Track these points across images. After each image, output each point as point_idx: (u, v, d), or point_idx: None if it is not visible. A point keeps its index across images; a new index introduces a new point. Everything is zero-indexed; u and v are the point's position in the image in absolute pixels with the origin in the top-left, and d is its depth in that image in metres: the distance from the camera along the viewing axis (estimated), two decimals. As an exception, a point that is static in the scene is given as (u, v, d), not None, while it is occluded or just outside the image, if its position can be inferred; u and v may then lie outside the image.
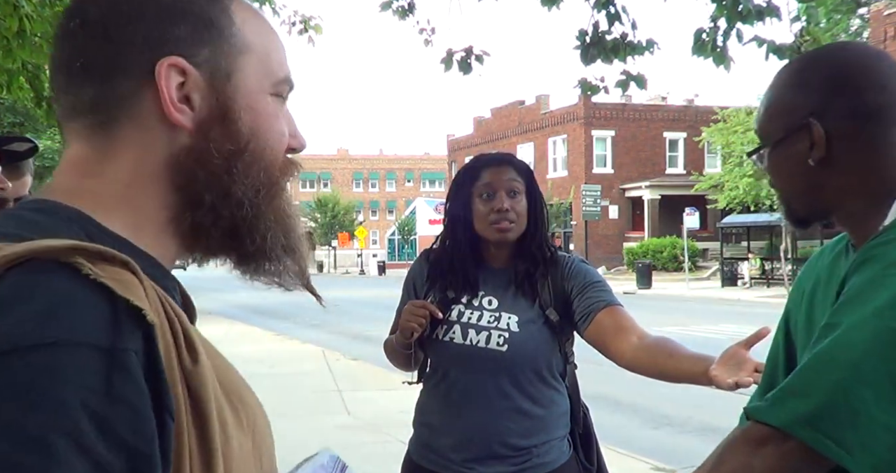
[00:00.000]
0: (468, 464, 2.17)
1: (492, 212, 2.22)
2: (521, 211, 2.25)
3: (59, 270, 0.63)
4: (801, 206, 1.33)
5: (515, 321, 2.20)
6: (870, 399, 1.04)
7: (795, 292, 1.41)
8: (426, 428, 2.29)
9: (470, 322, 2.22)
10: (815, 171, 1.26)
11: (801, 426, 1.08)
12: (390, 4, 6.02)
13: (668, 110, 41.44)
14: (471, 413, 2.19)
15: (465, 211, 2.27)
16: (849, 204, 1.27)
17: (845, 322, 1.10)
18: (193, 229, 0.78)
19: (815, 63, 1.32)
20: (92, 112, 0.76)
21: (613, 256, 38.26)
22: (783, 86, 1.32)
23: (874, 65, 1.27)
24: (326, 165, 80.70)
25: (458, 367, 2.22)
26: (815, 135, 1.25)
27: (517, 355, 2.17)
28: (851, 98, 1.24)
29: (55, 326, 0.60)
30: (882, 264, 1.12)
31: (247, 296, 27.92)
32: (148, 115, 0.75)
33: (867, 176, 1.24)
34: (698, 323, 16.29)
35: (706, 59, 5.03)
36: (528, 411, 2.19)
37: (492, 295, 2.26)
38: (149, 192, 0.76)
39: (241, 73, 0.78)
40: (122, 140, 0.76)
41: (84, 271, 0.63)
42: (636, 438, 7.16)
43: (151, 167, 0.76)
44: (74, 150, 0.78)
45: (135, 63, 0.75)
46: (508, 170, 2.27)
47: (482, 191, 2.25)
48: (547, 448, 2.20)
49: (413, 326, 2.15)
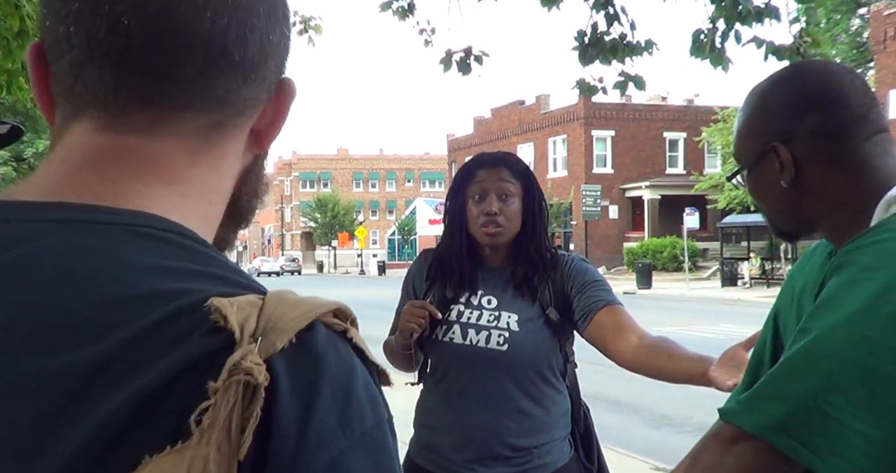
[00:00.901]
0: (469, 465, 2.17)
1: (482, 214, 2.21)
2: (512, 214, 2.22)
3: (334, 335, 0.58)
4: (784, 224, 1.37)
5: (515, 320, 2.19)
6: (842, 406, 1.04)
7: (787, 289, 1.41)
8: (426, 429, 2.29)
9: (469, 321, 2.21)
10: (789, 192, 1.29)
11: (773, 431, 1.09)
12: (390, 5, 6.02)
13: (668, 110, 41.44)
14: (471, 413, 2.18)
15: (461, 211, 2.27)
16: (830, 219, 1.28)
17: (818, 327, 1.10)
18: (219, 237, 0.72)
19: (778, 85, 1.33)
20: (218, 107, 0.64)
21: (613, 256, 38.26)
22: (750, 111, 1.35)
23: (836, 82, 1.29)
24: (326, 165, 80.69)
25: (458, 367, 2.21)
26: (782, 157, 1.27)
27: (517, 354, 2.17)
28: (816, 118, 1.26)
29: (383, 403, 0.59)
30: (855, 269, 1.12)
31: (247, 296, 27.82)
32: (246, 131, 0.68)
33: (843, 192, 1.26)
34: (698, 323, 16.28)
35: (704, 61, 5.03)
36: (529, 411, 2.18)
37: (491, 295, 2.25)
38: (220, 209, 0.68)
39: None
40: (223, 146, 0.66)
41: (351, 337, 0.59)
42: (636, 438, 7.16)
43: (231, 181, 0.68)
44: (160, 145, 0.63)
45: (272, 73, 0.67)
46: (502, 172, 2.24)
47: (475, 193, 2.23)
48: (548, 448, 2.20)
49: (412, 327, 2.14)
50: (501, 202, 2.21)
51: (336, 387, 0.55)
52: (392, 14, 6.04)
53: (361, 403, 0.56)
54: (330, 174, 79.93)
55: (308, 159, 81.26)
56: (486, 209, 2.20)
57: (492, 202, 2.20)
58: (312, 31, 6.95)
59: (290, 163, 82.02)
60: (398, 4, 6.03)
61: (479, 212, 2.21)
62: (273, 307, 0.56)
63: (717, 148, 34.82)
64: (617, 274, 35.48)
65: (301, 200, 76.29)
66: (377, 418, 0.57)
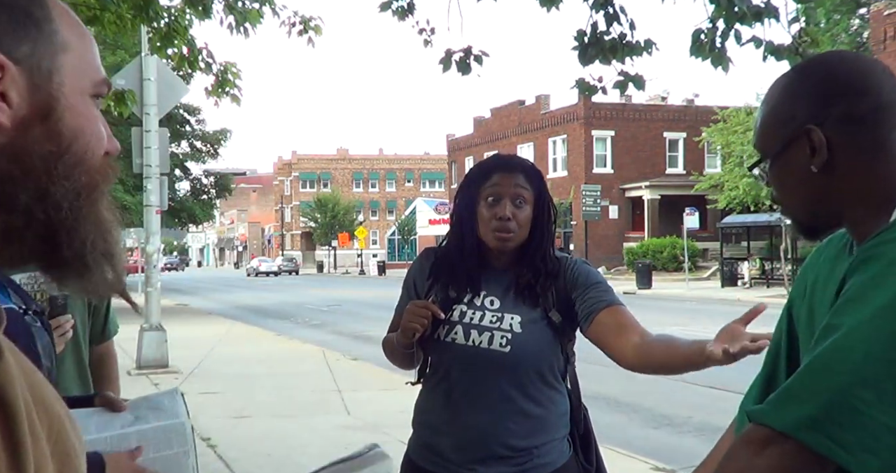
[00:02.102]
0: (469, 465, 2.16)
1: (494, 218, 2.20)
2: (524, 220, 2.21)
3: None
4: (807, 217, 1.34)
5: (518, 321, 2.19)
6: (872, 401, 1.05)
7: (799, 283, 1.41)
8: (426, 429, 2.28)
9: (472, 322, 2.20)
10: (818, 178, 1.27)
11: (804, 429, 1.09)
12: (390, 5, 6.02)
13: (667, 110, 41.45)
14: (472, 413, 2.18)
15: (471, 212, 2.25)
16: (853, 210, 1.27)
17: (846, 323, 1.10)
18: (4, 233, 0.72)
19: (806, 73, 1.32)
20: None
21: (613, 256, 38.26)
22: (777, 99, 1.33)
23: (865, 70, 1.28)
24: (326, 165, 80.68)
25: (460, 368, 2.21)
26: (815, 141, 1.25)
27: (520, 356, 2.17)
28: (846, 104, 1.25)
29: None
30: (882, 263, 1.13)
31: (247, 297, 27.94)
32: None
33: (869, 180, 1.25)
34: (698, 323, 16.28)
35: (704, 61, 5.03)
36: (530, 412, 2.18)
37: (494, 296, 2.24)
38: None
39: (63, 71, 0.75)
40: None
41: None
42: (636, 438, 7.16)
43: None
44: None
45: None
46: (518, 177, 2.23)
47: (488, 195, 2.22)
48: (547, 448, 2.20)
49: (415, 327, 2.13)
50: (515, 207, 2.20)
51: None
52: (392, 14, 6.03)
53: None
54: (330, 174, 79.93)
55: (308, 159, 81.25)
56: (499, 213, 2.19)
57: (506, 206, 2.19)
58: (312, 32, 6.95)
59: (290, 164, 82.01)
60: (398, 4, 6.03)
61: (492, 216, 2.20)
62: None
63: (717, 148, 34.80)
64: (617, 275, 35.46)
65: (301, 200, 76.28)
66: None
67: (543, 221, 2.25)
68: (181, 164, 30.50)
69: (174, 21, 6.51)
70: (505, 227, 2.19)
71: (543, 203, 2.26)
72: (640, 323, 2.15)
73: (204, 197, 33.88)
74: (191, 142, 31.73)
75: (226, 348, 13.50)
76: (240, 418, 7.85)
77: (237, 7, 6.48)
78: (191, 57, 7.09)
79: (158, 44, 6.62)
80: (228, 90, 7.32)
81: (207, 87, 7.36)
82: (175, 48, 6.83)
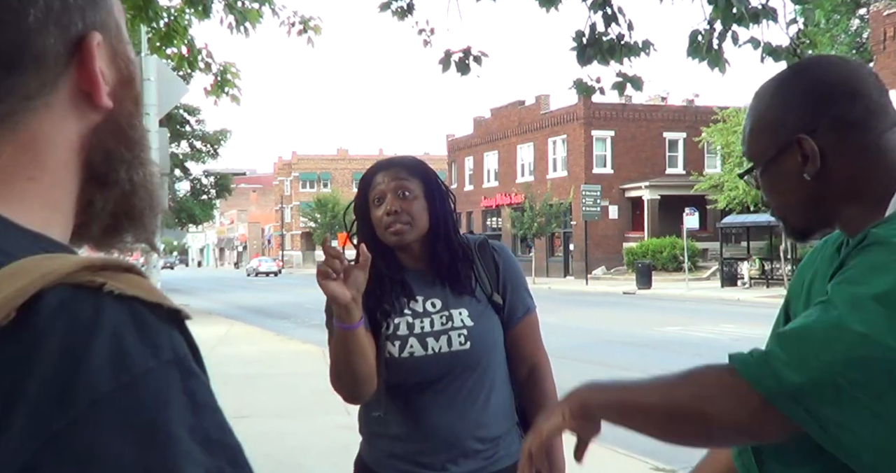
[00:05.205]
0: (441, 466, 2.14)
1: (383, 215, 2.14)
2: (417, 211, 2.14)
3: (81, 295, 0.55)
4: (798, 220, 1.35)
5: (467, 314, 2.16)
6: (859, 382, 1.07)
7: (796, 281, 1.42)
8: (390, 440, 2.20)
9: (424, 331, 2.15)
10: (811, 185, 1.28)
11: (785, 398, 1.11)
12: (389, 5, 6.02)
13: (667, 110, 41.44)
14: (440, 415, 2.14)
15: (367, 221, 2.19)
16: (847, 210, 1.28)
17: (844, 301, 1.11)
18: (102, 209, 0.70)
19: (794, 79, 1.32)
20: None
21: (613, 256, 38.27)
22: (765, 106, 1.33)
23: (852, 75, 1.28)
24: (326, 165, 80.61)
25: (425, 378, 2.15)
26: (807, 150, 1.26)
27: (480, 348, 2.15)
28: (837, 110, 1.26)
29: (142, 354, 0.55)
30: (889, 249, 1.14)
31: (247, 296, 27.91)
32: (62, 100, 0.66)
33: (862, 182, 1.26)
34: (698, 323, 16.29)
35: (701, 62, 5.04)
36: (493, 398, 2.18)
37: (432, 297, 2.19)
38: (50, 180, 0.66)
39: (122, 29, 0.71)
40: (28, 128, 0.65)
41: (107, 288, 0.56)
42: (636, 438, 7.10)
43: (60, 155, 0.67)
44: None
45: (52, 45, 0.64)
46: (398, 171, 2.18)
47: (374, 197, 2.17)
48: (512, 437, 2.20)
49: (326, 270, 1.90)
50: (402, 200, 2.14)
51: (56, 362, 0.52)
52: (391, 14, 6.04)
53: (93, 367, 0.53)
54: (330, 174, 79.85)
55: (307, 159, 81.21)
56: (386, 208, 2.13)
57: (391, 201, 2.13)
58: (311, 32, 6.97)
59: (290, 164, 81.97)
60: (397, 4, 6.03)
61: (381, 214, 2.14)
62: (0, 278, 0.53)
63: (716, 148, 34.82)
64: (616, 275, 35.48)
65: (301, 200, 76.24)
66: (138, 369, 0.53)
67: (438, 208, 2.19)
68: (181, 164, 30.53)
69: (174, 21, 6.52)
70: (397, 220, 2.13)
71: (434, 192, 2.19)
72: (541, 340, 2.28)
73: (204, 197, 33.94)
74: (191, 143, 31.75)
75: (226, 348, 13.50)
76: (239, 418, 7.85)
77: (237, 7, 6.49)
78: (190, 57, 7.11)
79: (158, 44, 6.64)
80: (228, 90, 7.34)
81: (207, 87, 7.38)
82: (175, 48, 6.85)
